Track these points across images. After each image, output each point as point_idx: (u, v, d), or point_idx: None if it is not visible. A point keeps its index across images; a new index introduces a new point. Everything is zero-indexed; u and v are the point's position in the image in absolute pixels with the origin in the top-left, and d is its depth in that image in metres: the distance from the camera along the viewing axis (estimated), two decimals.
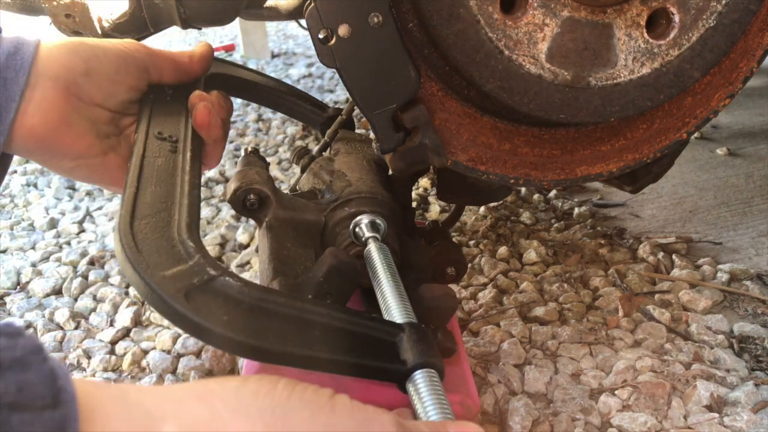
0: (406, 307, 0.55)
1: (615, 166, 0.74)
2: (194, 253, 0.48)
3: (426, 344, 0.50)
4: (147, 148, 0.60)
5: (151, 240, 0.49)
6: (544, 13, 0.63)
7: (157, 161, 0.59)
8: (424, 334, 0.51)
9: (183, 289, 0.45)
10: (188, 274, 0.46)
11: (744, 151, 1.55)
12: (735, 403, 0.79)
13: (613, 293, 1.03)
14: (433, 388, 0.47)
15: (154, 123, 0.64)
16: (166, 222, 0.51)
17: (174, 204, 0.54)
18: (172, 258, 0.48)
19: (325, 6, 0.62)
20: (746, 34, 0.70)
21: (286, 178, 1.57)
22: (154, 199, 0.54)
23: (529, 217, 1.31)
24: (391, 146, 0.69)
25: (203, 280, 0.46)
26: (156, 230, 0.50)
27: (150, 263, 0.46)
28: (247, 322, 0.46)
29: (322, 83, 2.45)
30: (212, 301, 0.46)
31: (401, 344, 0.49)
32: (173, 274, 0.46)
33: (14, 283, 1.19)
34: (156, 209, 0.53)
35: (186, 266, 0.47)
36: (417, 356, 0.48)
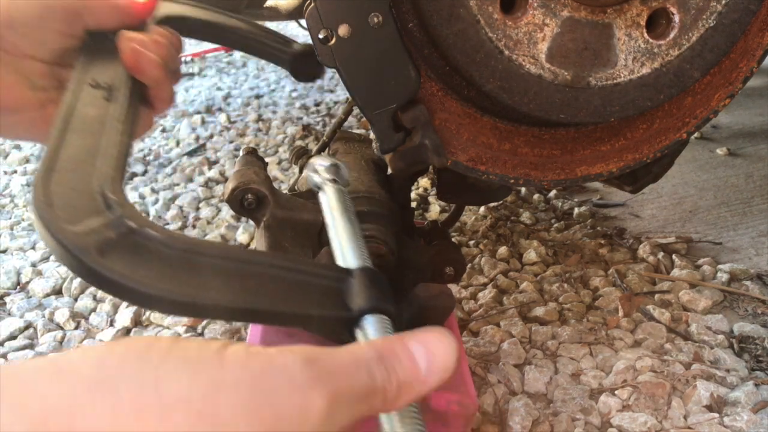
0: (361, 250, 0.49)
1: (615, 166, 0.74)
2: (114, 206, 0.44)
3: (378, 289, 0.44)
4: (78, 98, 0.55)
5: (66, 193, 0.44)
6: (544, 13, 0.63)
7: (88, 111, 0.54)
8: (378, 280, 0.46)
9: (95, 244, 0.41)
10: (103, 228, 0.42)
11: (744, 151, 1.55)
12: (735, 403, 0.79)
13: (613, 293, 1.03)
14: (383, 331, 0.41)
15: (89, 71, 0.59)
16: (88, 174, 0.47)
17: (99, 155, 0.49)
18: (87, 211, 0.43)
19: (325, 6, 0.62)
20: (746, 34, 0.70)
21: (286, 178, 1.57)
22: (78, 151, 0.49)
23: (529, 217, 1.31)
24: (391, 146, 0.69)
25: (121, 233, 0.42)
26: (74, 183, 0.46)
27: (61, 218, 0.42)
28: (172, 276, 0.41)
29: (322, 83, 2.45)
30: (131, 256, 0.41)
31: (350, 290, 0.44)
32: (86, 228, 0.42)
33: (14, 283, 1.18)
34: (78, 162, 0.48)
35: (102, 219, 0.43)
36: (365, 301, 0.43)
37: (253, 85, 2.48)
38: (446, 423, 0.62)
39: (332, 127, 0.87)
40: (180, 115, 2.14)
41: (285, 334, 0.61)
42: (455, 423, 0.62)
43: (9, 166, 1.74)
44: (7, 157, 1.81)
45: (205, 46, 3.21)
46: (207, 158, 1.74)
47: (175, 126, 2.02)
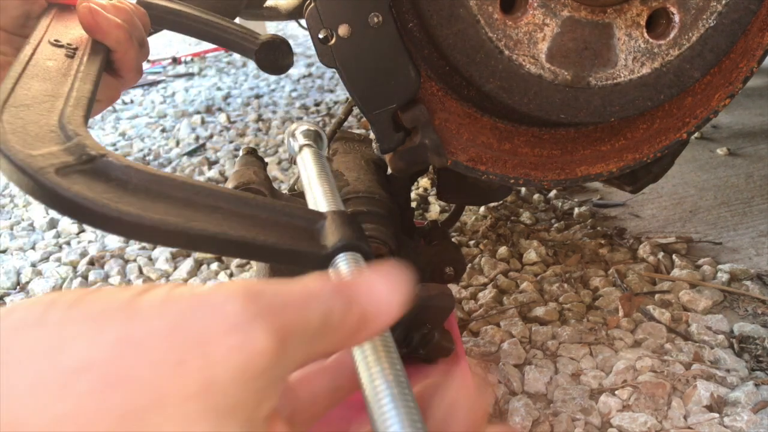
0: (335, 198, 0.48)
1: (615, 166, 0.74)
2: (74, 136, 0.42)
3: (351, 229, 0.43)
4: (37, 51, 0.53)
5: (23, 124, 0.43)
6: (544, 13, 0.63)
7: (47, 63, 0.52)
8: (350, 220, 0.44)
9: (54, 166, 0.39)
10: (63, 153, 0.40)
11: (744, 151, 1.55)
12: (735, 403, 0.79)
13: (613, 293, 1.03)
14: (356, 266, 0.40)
15: (51, 32, 0.58)
16: (47, 111, 0.45)
17: (60, 97, 0.48)
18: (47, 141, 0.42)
19: (325, 6, 0.62)
20: (746, 34, 0.70)
21: (286, 178, 1.57)
22: (37, 93, 0.48)
23: (529, 217, 1.31)
24: (391, 146, 0.69)
25: (81, 159, 0.40)
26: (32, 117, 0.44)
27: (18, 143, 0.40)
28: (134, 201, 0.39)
29: (322, 83, 2.45)
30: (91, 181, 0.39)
31: (322, 231, 0.43)
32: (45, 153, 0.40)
33: (14, 283, 1.18)
34: (37, 100, 0.46)
35: (61, 146, 0.41)
36: (338, 239, 0.41)
37: (253, 85, 2.48)
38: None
39: (332, 127, 0.87)
40: (180, 115, 2.14)
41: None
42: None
43: None
44: None
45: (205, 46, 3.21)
46: (207, 158, 1.74)
47: (175, 126, 2.02)
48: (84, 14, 0.59)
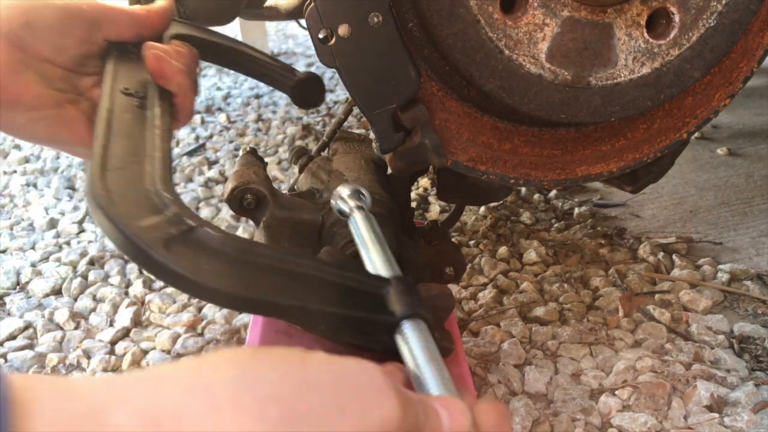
0: (392, 263, 0.53)
1: (615, 166, 0.74)
2: (170, 204, 0.46)
3: (413, 296, 0.48)
4: (114, 103, 0.57)
5: (124, 191, 0.46)
6: (544, 13, 0.63)
7: (125, 116, 0.56)
8: (411, 287, 0.49)
9: (161, 239, 0.43)
10: (166, 225, 0.44)
11: (744, 151, 1.55)
12: (735, 404, 0.79)
13: (613, 293, 1.03)
14: (423, 337, 0.45)
15: (119, 79, 0.61)
16: (139, 174, 0.49)
17: (145, 157, 0.51)
18: (148, 209, 0.45)
19: (325, 6, 0.62)
20: (747, 34, 0.70)
21: (286, 178, 1.57)
22: (125, 152, 0.51)
23: (529, 217, 1.31)
24: (391, 146, 0.69)
25: (182, 230, 0.44)
26: (129, 182, 0.48)
27: (125, 213, 0.44)
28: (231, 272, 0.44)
29: None
30: (193, 252, 0.44)
31: (388, 297, 0.48)
32: (150, 224, 0.44)
33: (14, 283, 1.18)
34: (127, 162, 0.50)
35: (163, 217, 0.45)
36: (405, 307, 0.47)
37: (253, 85, 2.48)
38: None
39: (332, 127, 0.87)
40: None
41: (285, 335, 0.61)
42: None
43: (9, 166, 1.74)
44: (7, 157, 1.81)
45: None
46: (207, 158, 1.74)
47: None
48: (151, 62, 0.61)
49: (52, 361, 0.96)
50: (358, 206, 0.60)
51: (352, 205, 0.60)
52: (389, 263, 0.53)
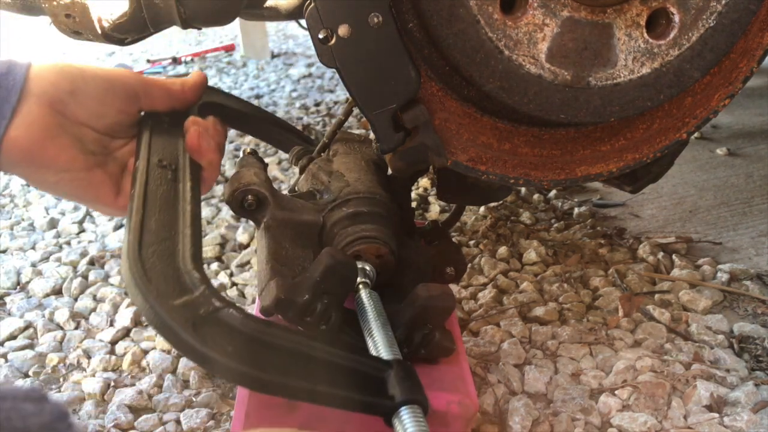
0: (393, 346, 0.57)
1: (615, 166, 0.74)
2: (199, 284, 0.50)
3: (411, 381, 0.52)
4: (149, 176, 0.61)
5: (158, 269, 0.50)
6: (544, 13, 0.63)
7: (160, 189, 0.60)
8: (410, 371, 0.53)
9: (191, 320, 0.47)
10: (195, 305, 0.48)
11: (744, 151, 1.55)
12: (735, 403, 0.79)
13: (613, 293, 1.03)
14: (418, 425, 0.49)
15: (153, 150, 0.65)
16: (172, 251, 0.53)
17: (177, 233, 0.55)
18: (180, 288, 0.49)
19: (325, 6, 0.62)
20: (746, 34, 0.70)
21: (286, 179, 1.57)
22: (159, 227, 0.55)
23: (529, 217, 1.31)
24: (391, 146, 0.69)
25: (209, 311, 0.48)
26: (162, 259, 0.51)
27: (159, 292, 0.48)
28: (249, 354, 0.48)
29: (322, 83, 2.45)
30: (217, 332, 0.48)
31: (389, 380, 0.52)
32: (181, 304, 0.48)
33: (14, 283, 1.19)
34: (161, 237, 0.54)
35: (192, 297, 0.49)
36: (403, 393, 0.50)
37: (253, 85, 2.48)
38: (446, 423, 0.62)
39: (332, 128, 0.87)
40: None
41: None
42: (455, 423, 0.62)
43: None
44: None
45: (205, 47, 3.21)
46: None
47: None
48: (192, 139, 0.66)
49: (52, 361, 0.96)
50: (364, 283, 0.63)
51: (359, 281, 0.63)
52: (390, 344, 0.57)
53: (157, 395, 0.88)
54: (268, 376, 0.48)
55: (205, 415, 0.83)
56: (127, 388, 0.89)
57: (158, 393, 0.89)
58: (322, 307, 0.60)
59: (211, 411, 0.84)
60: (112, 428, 0.82)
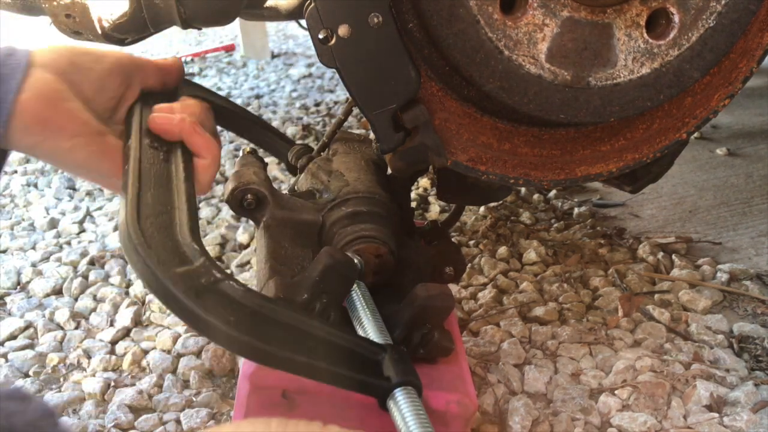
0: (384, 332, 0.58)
1: (615, 166, 0.75)
2: (199, 256, 0.50)
3: (406, 364, 0.53)
4: (143, 154, 0.61)
5: (157, 239, 0.50)
6: (544, 14, 0.63)
7: (153, 168, 0.60)
8: (403, 355, 0.54)
9: (193, 288, 0.47)
10: (197, 274, 0.48)
11: (744, 151, 1.55)
12: (735, 403, 0.79)
13: (613, 293, 1.03)
14: (413, 405, 0.49)
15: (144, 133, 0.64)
16: (169, 224, 0.53)
17: (174, 208, 0.55)
18: (180, 258, 0.49)
19: (325, 6, 0.62)
20: (746, 34, 0.70)
21: (286, 178, 1.57)
22: (155, 202, 0.55)
23: (529, 217, 1.31)
24: (391, 146, 0.69)
25: (210, 281, 0.48)
26: (161, 230, 0.51)
27: (160, 259, 0.48)
28: (251, 325, 0.48)
29: (322, 83, 2.45)
30: (219, 302, 0.47)
31: (384, 363, 0.53)
32: (183, 272, 0.47)
33: (14, 283, 1.19)
34: (158, 211, 0.54)
35: (193, 266, 0.48)
36: (398, 375, 0.51)
37: (253, 85, 2.48)
38: (445, 423, 0.62)
39: (332, 128, 0.87)
40: None
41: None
42: (454, 423, 0.62)
43: (9, 166, 1.74)
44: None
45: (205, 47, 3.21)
46: None
47: None
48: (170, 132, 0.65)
49: (52, 361, 0.96)
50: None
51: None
52: (382, 332, 0.58)
53: (158, 395, 0.88)
54: (271, 348, 0.48)
55: (206, 415, 0.83)
56: (127, 388, 0.89)
57: (158, 393, 0.89)
58: (321, 306, 0.60)
59: (211, 411, 0.84)
60: (112, 428, 0.82)
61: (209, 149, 0.65)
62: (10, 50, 0.60)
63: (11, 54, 0.59)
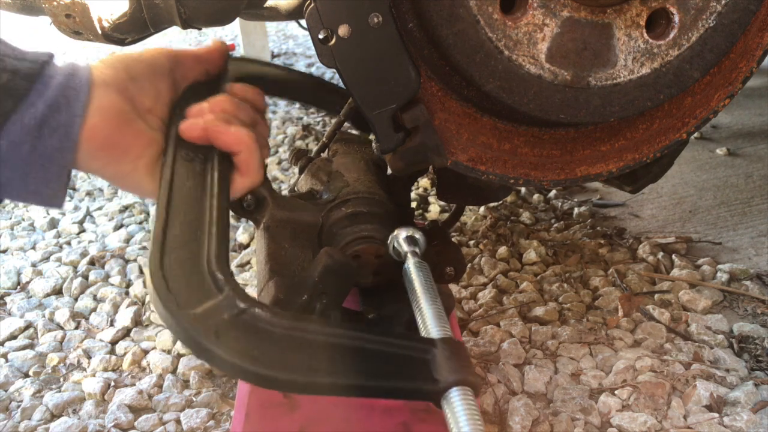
0: (442, 322, 0.53)
1: (615, 166, 0.75)
2: (223, 286, 0.49)
3: (460, 360, 0.48)
4: (175, 172, 0.60)
5: (180, 275, 0.49)
6: (544, 14, 0.63)
7: (186, 184, 0.59)
8: (458, 349, 0.50)
9: (213, 327, 0.45)
10: (218, 310, 0.47)
11: (743, 151, 1.55)
12: (735, 403, 0.79)
13: (613, 293, 1.03)
14: (468, 407, 0.45)
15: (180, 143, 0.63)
16: (196, 253, 0.51)
17: (203, 233, 0.54)
18: (202, 292, 0.48)
19: (325, 6, 0.62)
20: (746, 35, 0.70)
21: (286, 179, 1.57)
22: (183, 230, 0.54)
23: (529, 217, 1.31)
24: (391, 146, 0.69)
25: (233, 314, 0.47)
26: (186, 264, 0.50)
27: (180, 302, 0.47)
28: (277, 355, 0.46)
29: None
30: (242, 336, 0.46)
31: (434, 361, 0.48)
32: (203, 311, 0.46)
33: (14, 283, 1.19)
34: (185, 240, 0.53)
35: (216, 301, 0.47)
36: (450, 374, 0.47)
37: None
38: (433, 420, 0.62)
39: (332, 128, 0.87)
40: None
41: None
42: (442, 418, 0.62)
43: None
44: None
45: None
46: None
47: None
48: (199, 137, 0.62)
49: (52, 361, 0.96)
50: (413, 251, 0.61)
51: (407, 249, 0.61)
52: (439, 318, 0.53)
53: (158, 395, 0.88)
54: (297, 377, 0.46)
55: (205, 414, 0.83)
56: (127, 388, 0.89)
57: (158, 393, 0.89)
58: (321, 306, 0.60)
59: (211, 411, 0.84)
60: (112, 428, 0.82)
61: (240, 142, 0.63)
62: (71, 69, 0.58)
63: (73, 74, 0.58)
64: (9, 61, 0.54)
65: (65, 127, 0.56)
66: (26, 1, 0.93)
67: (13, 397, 0.90)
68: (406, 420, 0.62)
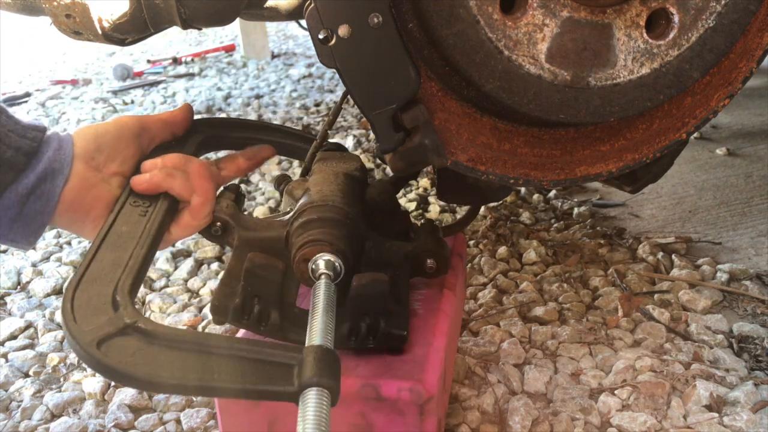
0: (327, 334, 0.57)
1: (614, 166, 0.75)
2: (119, 307, 0.57)
3: (324, 366, 0.51)
4: (119, 216, 0.69)
5: (86, 298, 0.58)
6: (544, 14, 0.63)
7: (122, 228, 0.67)
8: (326, 356, 0.53)
9: (96, 339, 0.53)
10: (104, 325, 0.54)
11: (743, 151, 1.55)
12: (734, 403, 0.79)
13: (613, 293, 1.03)
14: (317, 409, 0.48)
15: (132, 192, 0.72)
16: (107, 283, 0.60)
17: (120, 268, 0.62)
18: (98, 312, 0.56)
19: (325, 6, 0.62)
20: (746, 35, 0.70)
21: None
22: (105, 264, 0.62)
23: (528, 217, 1.31)
24: (391, 146, 0.69)
25: (118, 327, 0.54)
26: (94, 290, 0.59)
27: (77, 318, 0.55)
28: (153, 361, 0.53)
29: (322, 83, 2.45)
30: (123, 345, 0.53)
31: (301, 366, 0.51)
32: (94, 326, 0.54)
33: (15, 283, 1.19)
34: (104, 272, 0.61)
35: (106, 318, 0.55)
36: (310, 376, 0.50)
37: (254, 85, 2.49)
38: (399, 411, 0.63)
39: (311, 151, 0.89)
40: None
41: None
42: (408, 410, 0.63)
43: None
44: None
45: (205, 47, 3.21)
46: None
47: None
48: (145, 189, 0.71)
49: (53, 361, 0.96)
50: (327, 275, 0.66)
51: (322, 272, 0.66)
52: (324, 332, 0.57)
53: (158, 395, 0.88)
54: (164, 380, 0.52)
55: (205, 414, 0.83)
56: (127, 388, 0.89)
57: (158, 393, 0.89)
58: (259, 308, 0.66)
59: (211, 411, 0.84)
60: (112, 428, 0.82)
61: (188, 192, 0.72)
62: (57, 143, 0.68)
63: (59, 149, 0.67)
64: (13, 137, 0.64)
65: (48, 195, 0.66)
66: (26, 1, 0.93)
67: (13, 396, 0.90)
68: (362, 410, 0.64)
